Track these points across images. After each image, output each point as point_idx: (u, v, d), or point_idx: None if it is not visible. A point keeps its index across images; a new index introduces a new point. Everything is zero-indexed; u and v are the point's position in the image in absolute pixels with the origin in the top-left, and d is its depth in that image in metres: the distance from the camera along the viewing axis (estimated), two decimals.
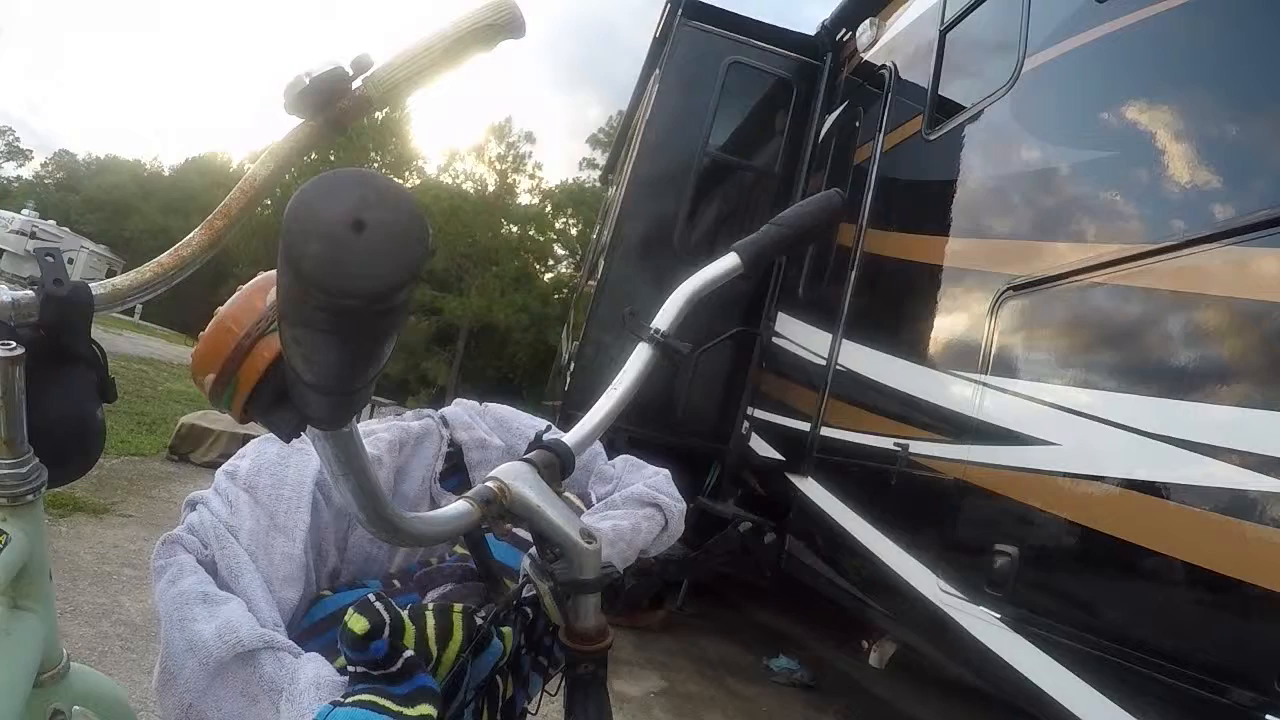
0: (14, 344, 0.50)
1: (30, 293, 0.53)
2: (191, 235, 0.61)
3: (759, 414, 4.14)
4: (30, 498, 0.54)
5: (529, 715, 0.70)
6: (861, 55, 4.00)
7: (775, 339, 4.18)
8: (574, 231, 28.18)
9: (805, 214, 0.85)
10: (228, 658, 0.56)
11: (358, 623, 0.52)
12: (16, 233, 23.68)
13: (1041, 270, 2.17)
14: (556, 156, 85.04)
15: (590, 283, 5.61)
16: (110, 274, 7.98)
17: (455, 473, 0.85)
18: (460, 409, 0.90)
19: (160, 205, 42.44)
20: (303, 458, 0.70)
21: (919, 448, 2.52)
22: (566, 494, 0.74)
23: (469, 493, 0.60)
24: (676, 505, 0.82)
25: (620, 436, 3.62)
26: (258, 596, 0.61)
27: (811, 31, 4.62)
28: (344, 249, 0.34)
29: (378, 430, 0.80)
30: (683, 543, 3.02)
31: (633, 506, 0.79)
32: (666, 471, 0.87)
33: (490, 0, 0.64)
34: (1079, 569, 1.87)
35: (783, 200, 4.38)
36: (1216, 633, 1.49)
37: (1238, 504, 1.45)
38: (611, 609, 0.64)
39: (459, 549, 0.76)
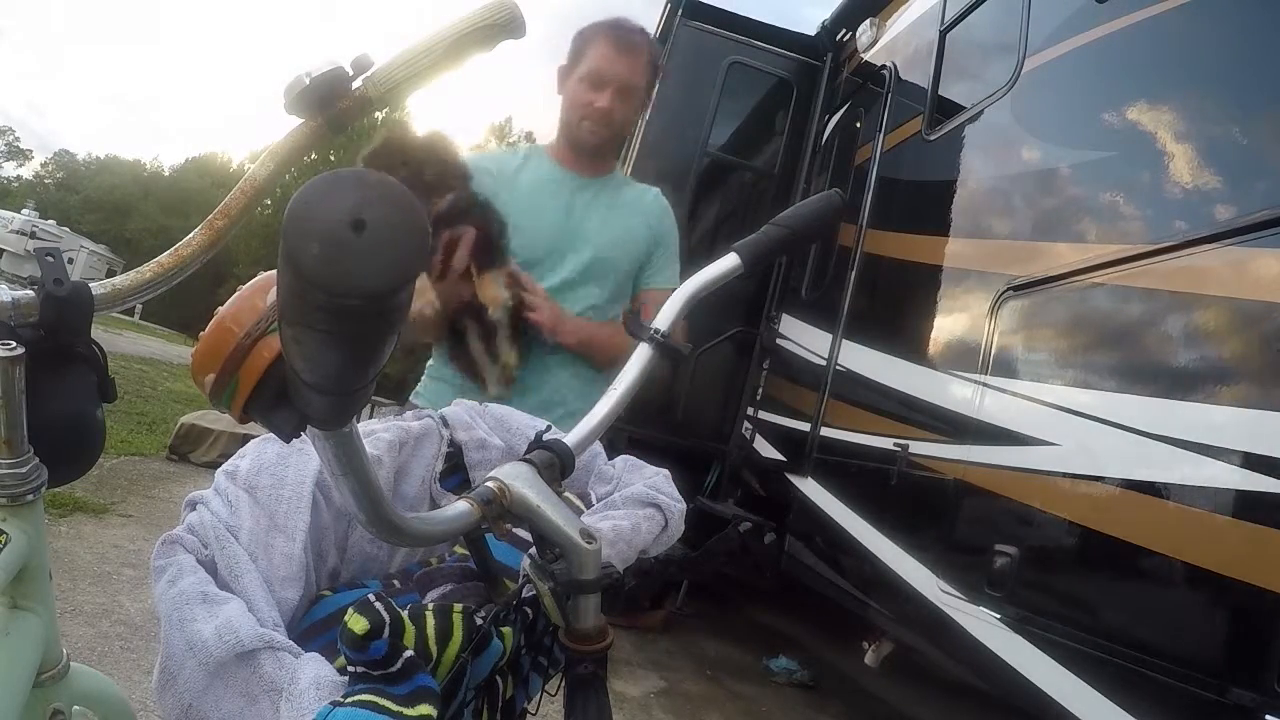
0: (14, 344, 0.50)
1: (30, 293, 0.53)
2: (191, 235, 0.61)
3: (759, 414, 4.14)
4: (30, 498, 0.54)
5: (529, 715, 0.70)
6: (861, 55, 4.01)
7: (776, 339, 4.18)
8: None
9: (805, 214, 0.85)
10: (227, 658, 0.55)
11: (358, 623, 0.52)
12: (16, 233, 23.70)
13: (1041, 270, 2.17)
14: None
15: None
16: (110, 274, 7.98)
17: (455, 473, 0.85)
18: (460, 409, 0.90)
19: (160, 205, 42.48)
20: (303, 458, 0.70)
21: (919, 448, 2.52)
22: (566, 494, 0.74)
23: (469, 493, 0.60)
24: (676, 505, 0.82)
25: (620, 436, 3.62)
26: (258, 596, 0.61)
27: (811, 32, 4.62)
28: (344, 249, 0.34)
29: (378, 430, 0.80)
30: (683, 543, 3.02)
31: (633, 507, 0.79)
32: (666, 472, 0.87)
33: (490, 0, 0.64)
34: (1079, 569, 1.87)
35: (782, 200, 4.38)
36: (1216, 633, 1.49)
37: (1238, 504, 1.45)
38: (611, 609, 0.64)
39: (459, 549, 0.76)
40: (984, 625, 2.00)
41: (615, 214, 1.58)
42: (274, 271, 0.40)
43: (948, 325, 2.65)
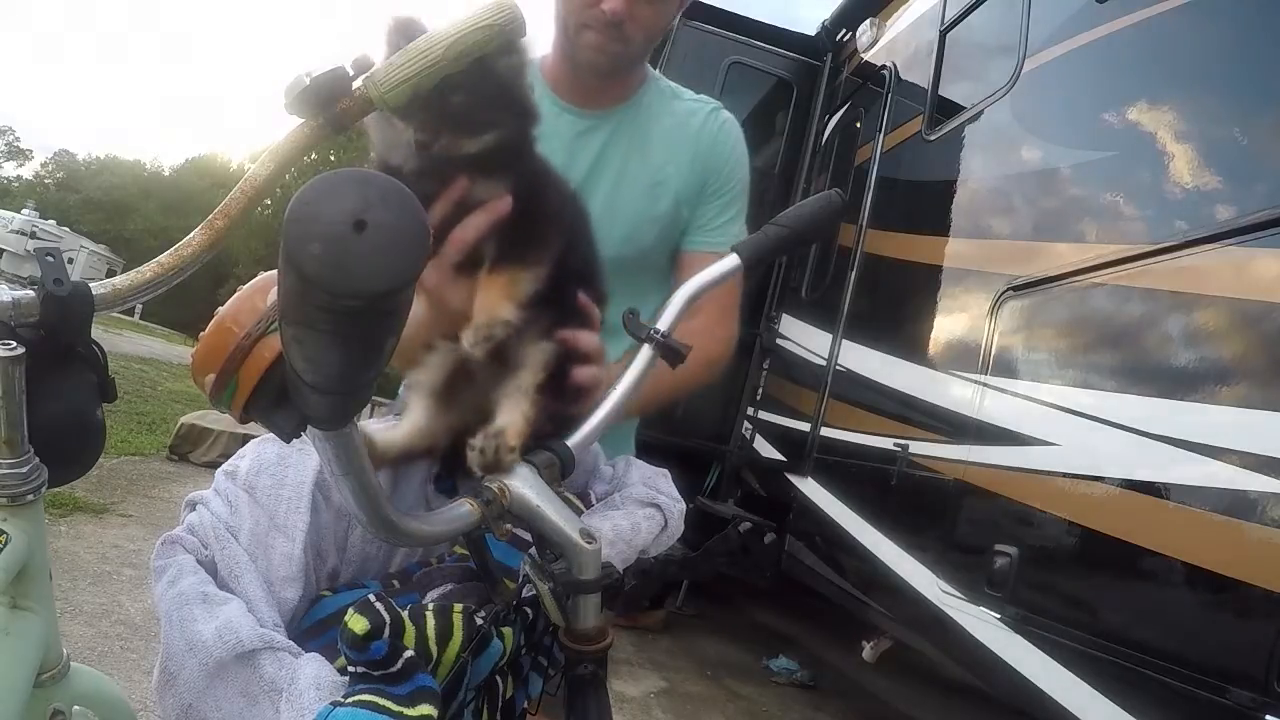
0: (14, 344, 0.50)
1: (30, 293, 0.53)
2: (191, 235, 0.61)
3: (760, 414, 4.14)
4: (30, 498, 0.54)
5: (529, 715, 0.70)
6: (862, 55, 4.00)
7: (776, 339, 4.18)
8: None
9: (805, 214, 0.85)
10: (228, 658, 0.56)
11: (358, 623, 0.52)
12: (16, 233, 23.70)
13: (1041, 270, 2.17)
14: None
15: None
16: (110, 274, 7.97)
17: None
18: None
19: (160, 205, 42.50)
20: (303, 458, 0.70)
21: (919, 448, 2.52)
22: (566, 494, 0.74)
23: (469, 493, 0.60)
24: (676, 505, 0.82)
25: None
26: (258, 597, 0.61)
27: (811, 32, 4.62)
28: (345, 249, 0.34)
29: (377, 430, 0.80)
30: (683, 543, 3.02)
31: (632, 506, 0.79)
32: (666, 471, 0.86)
33: (490, 0, 0.64)
34: (1078, 569, 1.87)
35: (782, 200, 4.37)
36: (1215, 633, 1.49)
37: (1237, 504, 1.45)
38: (611, 609, 0.64)
39: (459, 549, 0.76)
40: (984, 625, 2.00)
41: (641, 156, 1.06)
42: (274, 271, 0.40)
43: (948, 325, 2.65)
